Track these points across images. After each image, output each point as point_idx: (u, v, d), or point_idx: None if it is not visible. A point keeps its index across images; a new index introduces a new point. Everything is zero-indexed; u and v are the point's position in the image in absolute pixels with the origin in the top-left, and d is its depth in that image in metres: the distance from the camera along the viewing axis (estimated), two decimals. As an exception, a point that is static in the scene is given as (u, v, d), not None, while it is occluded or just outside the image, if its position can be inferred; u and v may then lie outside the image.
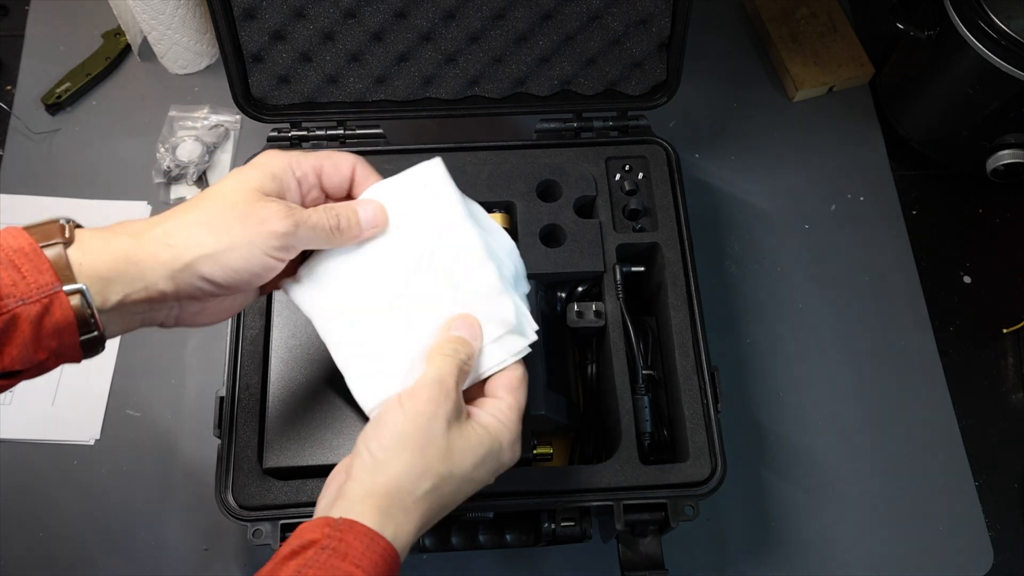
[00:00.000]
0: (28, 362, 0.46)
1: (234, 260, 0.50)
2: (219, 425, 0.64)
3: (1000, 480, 0.79)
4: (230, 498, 0.63)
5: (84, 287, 0.46)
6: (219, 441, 0.64)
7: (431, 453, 0.50)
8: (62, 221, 0.48)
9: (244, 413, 0.65)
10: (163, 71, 0.95)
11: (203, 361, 0.80)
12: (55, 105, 0.91)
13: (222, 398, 0.65)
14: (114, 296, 0.47)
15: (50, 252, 0.46)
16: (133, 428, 0.78)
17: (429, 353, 0.54)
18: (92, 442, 0.77)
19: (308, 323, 0.67)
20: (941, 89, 0.85)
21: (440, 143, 0.76)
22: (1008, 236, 0.91)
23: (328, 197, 0.58)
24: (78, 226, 0.49)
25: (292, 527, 0.62)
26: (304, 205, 0.55)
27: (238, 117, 0.91)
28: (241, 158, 0.90)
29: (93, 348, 0.48)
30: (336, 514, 0.48)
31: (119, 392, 0.79)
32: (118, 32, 0.95)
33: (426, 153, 0.75)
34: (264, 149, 0.75)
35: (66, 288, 0.45)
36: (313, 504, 0.62)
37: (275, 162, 0.54)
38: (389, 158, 0.75)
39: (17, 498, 0.75)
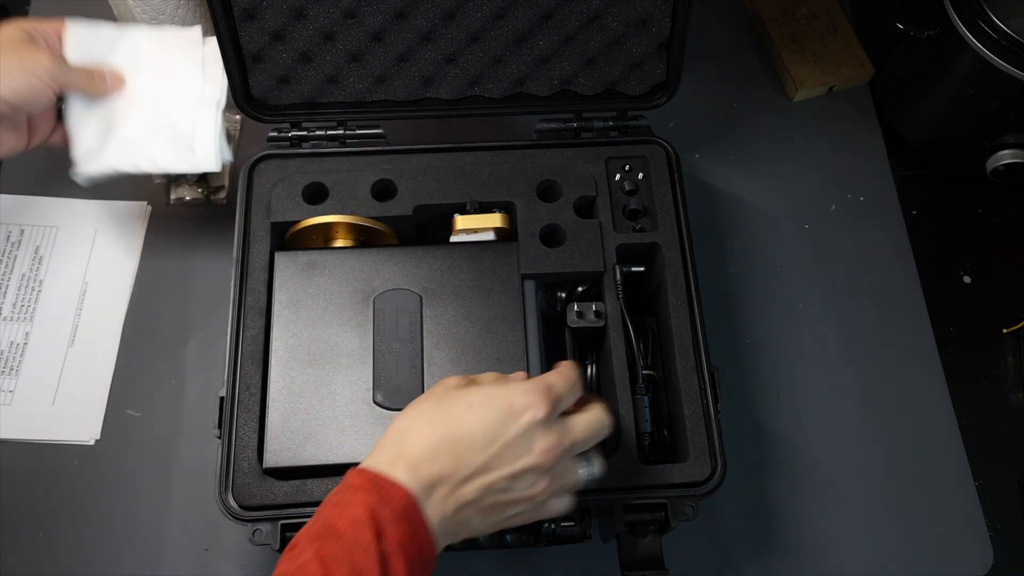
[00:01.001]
0: None
1: (14, 81, 0.68)
2: (219, 425, 0.64)
3: (1000, 480, 0.79)
4: (230, 498, 0.63)
5: None
6: (219, 441, 0.64)
7: (426, 403, 0.54)
8: None
9: (244, 413, 0.65)
10: (163, 71, 0.95)
11: (203, 361, 0.80)
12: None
13: (222, 398, 0.65)
14: None
15: None
16: (133, 428, 0.78)
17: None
18: (92, 442, 0.77)
19: (308, 323, 0.67)
20: (941, 89, 0.85)
21: (440, 143, 0.76)
22: (1008, 236, 0.91)
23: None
24: None
25: (292, 527, 0.62)
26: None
27: (238, 118, 0.91)
28: (241, 158, 0.89)
29: None
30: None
31: (119, 392, 0.79)
32: (118, 32, 0.95)
33: (426, 153, 0.75)
34: (264, 149, 0.76)
35: None
36: (314, 503, 0.62)
37: (17, 24, 0.72)
38: (389, 158, 0.75)
39: (17, 498, 0.75)
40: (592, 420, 0.56)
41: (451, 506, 0.51)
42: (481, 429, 0.52)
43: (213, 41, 0.76)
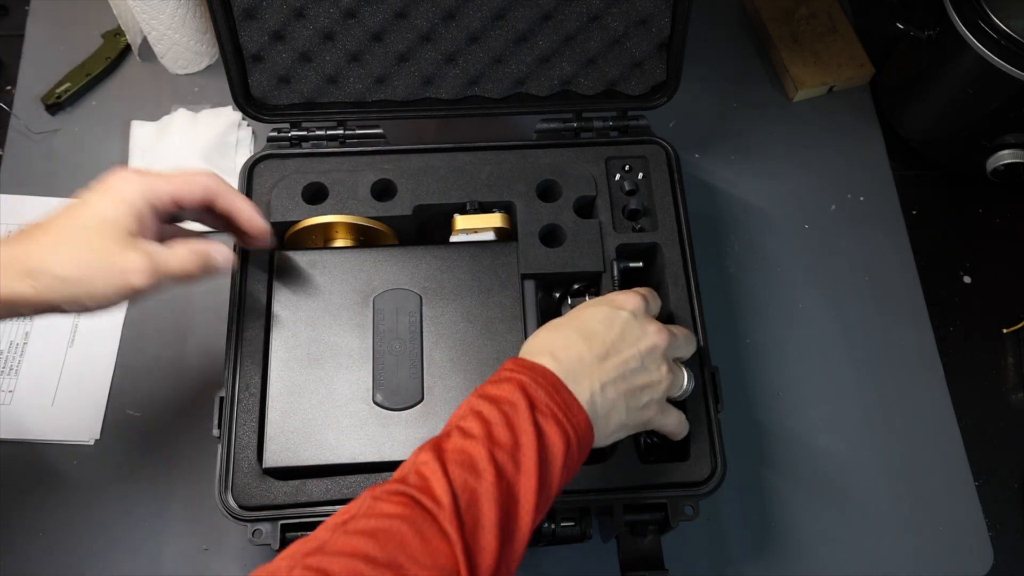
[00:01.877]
0: None
1: (94, 304, 0.55)
2: (219, 425, 0.64)
3: (1000, 480, 0.79)
4: (230, 498, 0.63)
5: None
6: (219, 441, 0.64)
7: (549, 323, 0.59)
8: None
9: (244, 413, 0.65)
10: (163, 71, 0.95)
11: (203, 361, 0.80)
12: (55, 105, 0.91)
13: (222, 398, 0.65)
14: None
15: None
16: (133, 428, 0.78)
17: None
18: (92, 442, 0.77)
19: (308, 323, 0.67)
20: (941, 89, 0.85)
21: (440, 143, 0.76)
22: (1008, 236, 0.91)
23: (184, 209, 0.61)
24: None
25: (292, 527, 0.62)
26: (161, 218, 0.60)
27: (237, 116, 0.91)
28: (242, 158, 0.90)
29: None
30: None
31: (119, 392, 0.79)
32: (118, 32, 0.95)
33: (426, 153, 0.75)
34: (264, 149, 0.75)
35: None
36: (314, 504, 0.62)
37: (133, 195, 0.56)
38: (389, 158, 0.75)
39: (17, 498, 0.75)
40: (682, 328, 0.63)
41: (596, 383, 0.54)
42: (599, 318, 0.58)
43: (247, 128, 0.90)
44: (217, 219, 0.63)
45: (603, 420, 0.55)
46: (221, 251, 0.60)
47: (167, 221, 0.61)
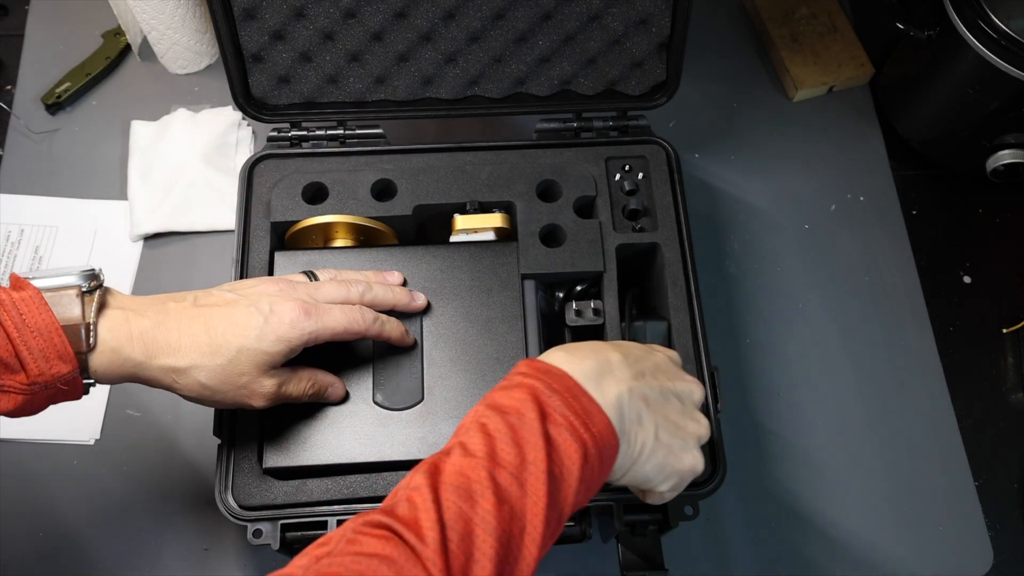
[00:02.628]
0: (26, 415, 0.55)
1: (217, 403, 0.58)
2: (219, 425, 0.64)
3: (1000, 480, 0.79)
4: (230, 498, 0.62)
5: (93, 381, 0.55)
6: (219, 441, 0.64)
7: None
8: (84, 291, 0.54)
9: (244, 413, 0.65)
10: (163, 71, 0.95)
11: (203, 361, 0.80)
12: (55, 105, 0.91)
13: (222, 398, 0.65)
14: (117, 381, 0.56)
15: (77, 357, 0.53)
16: (133, 428, 0.78)
17: None
18: (92, 442, 0.77)
19: (308, 323, 0.67)
20: (941, 89, 0.85)
21: (440, 143, 0.76)
22: (1008, 236, 0.91)
23: None
24: (102, 302, 0.54)
25: (292, 527, 0.62)
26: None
27: (237, 116, 0.91)
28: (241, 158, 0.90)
29: None
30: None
31: (119, 392, 0.79)
32: (118, 32, 0.95)
33: (426, 153, 0.75)
34: (264, 149, 0.75)
35: (84, 381, 0.54)
36: (314, 503, 0.62)
37: (297, 339, 0.58)
38: (389, 158, 0.75)
39: (17, 498, 0.75)
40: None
41: (624, 387, 0.50)
42: (636, 345, 0.55)
43: (248, 128, 0.91)
44: None
45: (629, 428, 0.50)
46: (336, 390, 0.64)
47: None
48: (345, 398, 0.65)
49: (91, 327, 0.53)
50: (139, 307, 0.55)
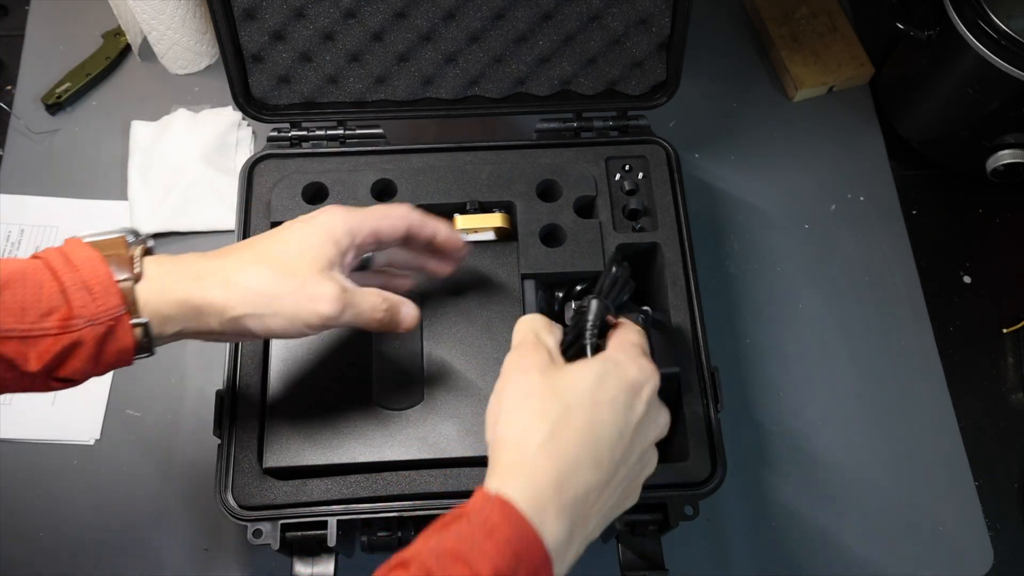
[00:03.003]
0: (87, 375, 0.51)
1: (276, 325, 0.53)
2: (219, 425, 0.64)
3: (1000, 480, 0.79)
4: (230, 498, 0.63)
5: (147, 321, 0.51)
6: (219, 441, 0.64)
7: (534, 400, 0.47)
8: (130, 243, 0.52)
9: (244, 413, 0.65)
10: (163, 71, 0.95)
11: (203, 361, 0.80)
12: (55, 105, 0.91)
13: (222, 398, 0.65)
14: (171, 329, 0.52)
15: (121, 286, 0.51)
16: (133, 428, 0.78)
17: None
18: (92, 442, 0.77)
19: (308, 323, 0.67)
20: (941, 89, 0.85)
21: (440, 143, 0.76)
22: (1008, 236, 0.91)
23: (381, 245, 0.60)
24: (147, 251, 0.53)
25: (292, 527, 0.62)
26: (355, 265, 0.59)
27: (237, 116, 0.91)
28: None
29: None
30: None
31: (119, 392, 0.79)
32: (118, 32, 0.95)
33: (426, 153, 0.75)
34: (264, 149, 0.75)
35: (133, 321, 0.50)
36: (314, 503, 0.62)
37: (338, 228, 0.55)
38: (389, 158, 0.75)
39: (17, 498, 0.75)
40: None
41: (591, 524, 0.47)
42: (613, 420, 0.48)
43: (248, 128, 0.91)
44: (410, 256, 0.63)
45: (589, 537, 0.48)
46: (410, 311, 0.59)
47: (359, 268, 0.60)
48: (345, 395, 0.65)
49: (135, 259, 0.52)
50: (184, 255, 0.55)
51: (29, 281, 0.49)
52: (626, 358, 0.50)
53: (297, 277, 0.53)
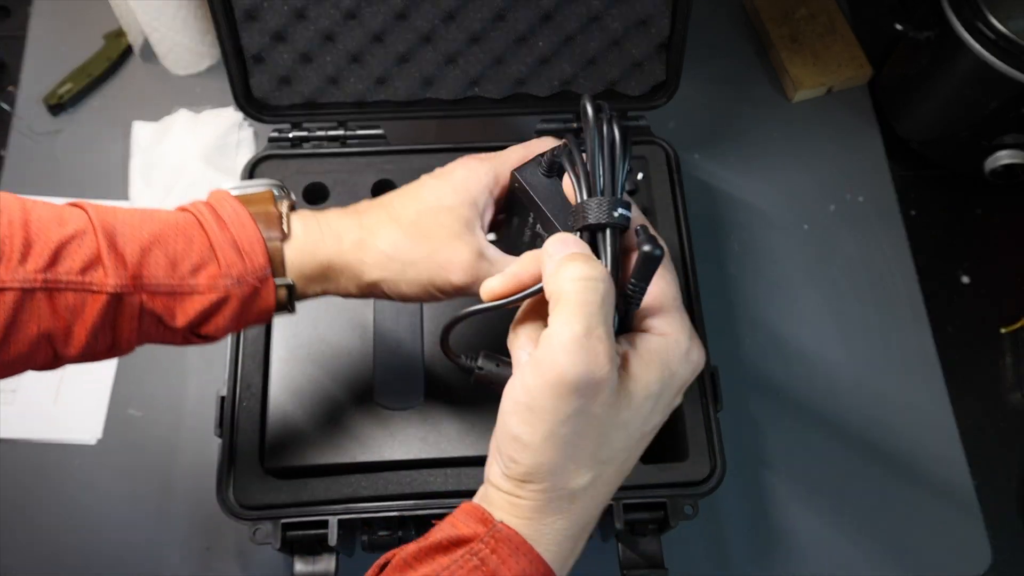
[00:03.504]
0: (230, 332, 0.51)
1: (409, 291, 0.52)
2: (220, 425, 0.65)
3: (998, 480, 0.80)
4: (231, 498, 0.63)
5: (291, 282, 0.51)
6: (220, 441, 0.64)
7: (584, 450, 0.40)
8: (277, 197, 0.52)
9: (245, 413, 0.65)
10: (164, 72, 0.95)
11: (205, 360, 0.81)
12: (57, 106, 0.91)
13: (223, 398, 0.65)
14: (311, 291, 0.52)
15: (269, 246, 0.50)
16: (135, 428, 0.78)
17: (550, 261, 0.41)
18: (94, 442, 0.78)
19: (309, 322, 0.68)
20: (940, 90, 0.85)
21: (440, 143, 0.76)
22: (1006, 236, 0.91)
23: None
24: (292, 207, 0.53)
25: (293, 527, 0.62)
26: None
27: (239, 116, 0.91)
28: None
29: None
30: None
31: (121, 392, 0.79)
32: (120, 33, 0.95)
33: (426, 153, 0.75)
34: (265, 150, 0.76)
35: (276, 280, 0.50)
36: (315, 503, 0.63)
37: (475, 186, 0.53)
38: (390, 158, 0.75)
39: (18, 498, 0.75)
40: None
41: (583, 545, 0.44)
42: (645, 415, 0.42)
43: (249, 129, 0.91)
44: None
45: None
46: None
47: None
48: (345, 395, 0.65)
49: (283, 216, 0.51)
50: (324, 211, 0.54)
51: (180, 235, 0.49)
52: (682, 355, 0.42)
53: (431, 241, 0.51)
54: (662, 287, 0.42)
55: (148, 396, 0.79)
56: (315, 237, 0.51)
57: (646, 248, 0.38)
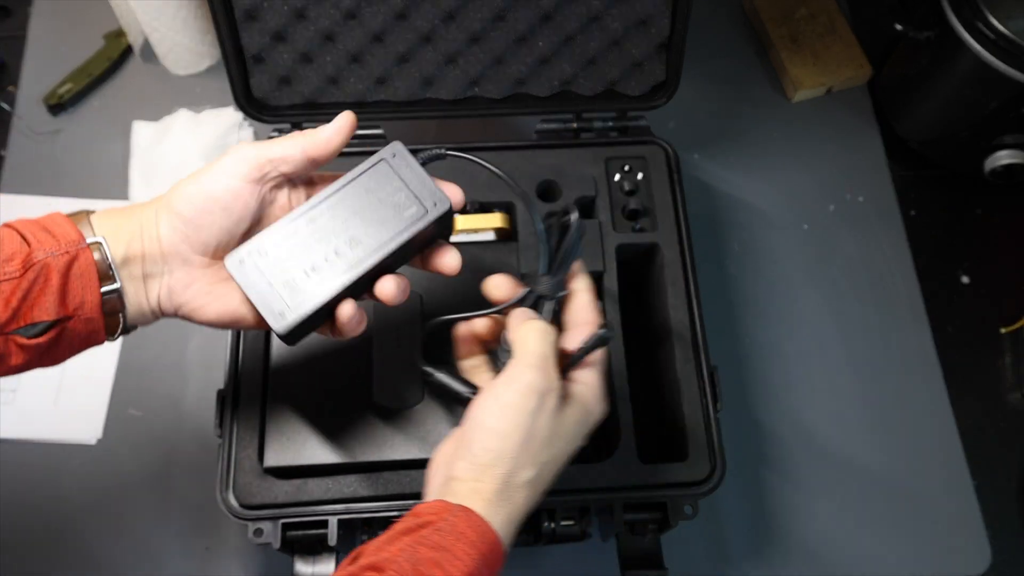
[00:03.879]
0: (55, 312, 0.50)
1: (208, 182, 0.52)
2: (220, 424, 0.65)
3: (998, 480, 0.80)
4: (231, 497, 0.63)
5: (102, 239, 0.51)
6: (220, 440, 0.64)
7: (535, 445, 0.50)
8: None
9: (245, 412, 0.65)
10: (164, 72, 0.95)
11: (204, 360, 0.81)
12: (57, 105, 0.92)
13: (223, 397, 0.65)
14: (120, 247, 0.51)
15: (75, 218, 0.52)
16: (135, 427, 0.78)
17: (515, 323, 0.53)
18: (94, 441, 0.78)
19: (309, 323, 0.67)
20: (939, 90, 0.85)
21: (440, 143, 0.76)
22: (1006, 236, 0.91)
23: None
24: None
25: (293, 526, 0.62)
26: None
27: (239, 116, 0.91)
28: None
29: (114, 320, 0.53)
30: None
31: (121, 391, 0.79)
32: (120, 33, 0.95)
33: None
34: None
35: (88, 240, 0.51)
36: (315, 503, 0.63)
37: (247, 151, 0.53)
38: (390, 158, 0.75)
39: (18, 498, 0.75)
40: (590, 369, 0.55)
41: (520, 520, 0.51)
42: (574, 441, 0.53)
43: (249, 129, 0.91)
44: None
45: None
46: (335, 122, 0.55)
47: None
48: (345, 395, 0.65)
49: (91, 212, 0.53)
50: None
51: None
52: (596, 402, 0.54)
53: (217, 178, 0.52)
54: (597, 353, 0.54)
55: (148, 396, 0.79)
56: (122, 207, 0.54)
57: (603, 331, 0.53)
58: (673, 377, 0.69)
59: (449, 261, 0.57)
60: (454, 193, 0.57)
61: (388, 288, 0.54)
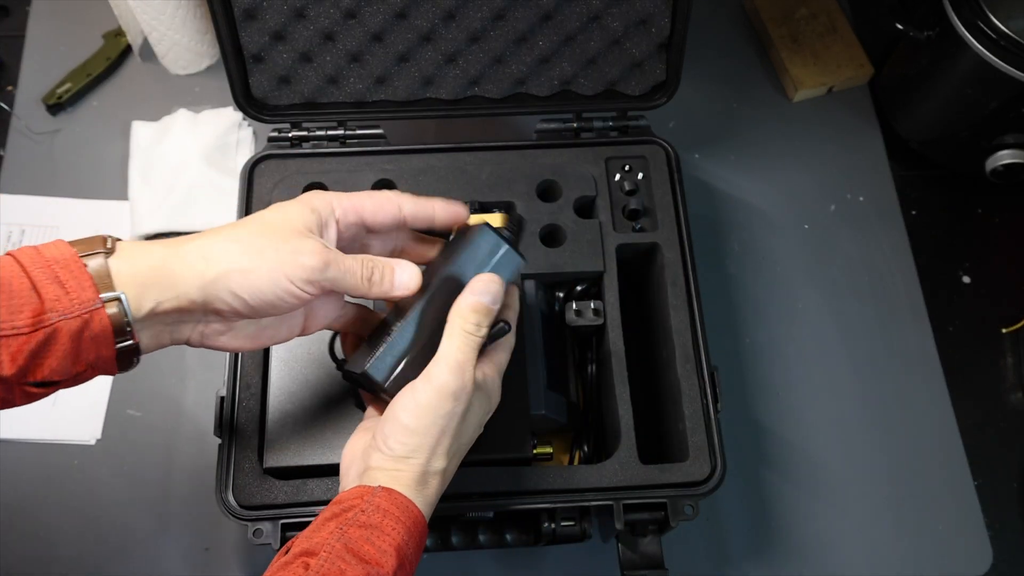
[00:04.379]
0: (66, 373, 0.48)
1: (260, 281, 0.50)
2: (219, 425, 0.65)
3: (999, 480, 0.80)
4: (231, 498, 0.63)
5: (122, 295, 0.48)
6: (219, 441, 0.64)
7: (447, 440, 0.53)
8: (104, 235, 0.50)
9: (244, 413, 0.65)
10: (164, 72, 0.95)
11: (204, 361, 0.81)
12: (56, 105, 0.91)
13: (222, 398, 0.65)
14: (148, 303, 0.49)
15: (92, 263, 0.48)
16: (134, 428, 0.78)
17: (450, 320, 0.55)
18: (93, 442, 0.77)
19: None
20: (940, 89, 0.85)
21: (440, 143, 0.76)
22: (1007, 236, 0.91)
23: (376, 235, 0.59)
24: (118, 240, 0.50)
25: (293, 527, 0.62)
26: (343, 243, 0.56)
27: (238, 116, 0.91)
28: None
29: (127, 361, 0.50)
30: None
31: (120, 392, 0.79)
32: (119, 33, 0.95)
33: (426, 153, 0.75)
34: (265, 149, 0.76)
35: (104, 296, 0.47)
36: (314, 503, 0.63)
37: (316, 199, 0.54)
38: (389, 158, 0.75)
39: (18, 498, 0.75)
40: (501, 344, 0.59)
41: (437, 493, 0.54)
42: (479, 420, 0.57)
43: (248, 129, 0.91)
44: (393, 242, 0.61)
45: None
46: (405, 274, 0.55)
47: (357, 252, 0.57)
48: (345, 395, 0.65)
49: (108, 240, 0.49)
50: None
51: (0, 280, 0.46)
52: (496, 392, 0.58)
53: (279, 234, 0.51)
54: (499, 347, 0.58)
55: (147, 396, 0.79)
56: (144, 246, 0.50)
57: (501, 324, 0.58)
58: (673, 377, 0.69)
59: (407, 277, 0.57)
60: (458, 210, 0.60)
61: (408, 276, 0.56)
